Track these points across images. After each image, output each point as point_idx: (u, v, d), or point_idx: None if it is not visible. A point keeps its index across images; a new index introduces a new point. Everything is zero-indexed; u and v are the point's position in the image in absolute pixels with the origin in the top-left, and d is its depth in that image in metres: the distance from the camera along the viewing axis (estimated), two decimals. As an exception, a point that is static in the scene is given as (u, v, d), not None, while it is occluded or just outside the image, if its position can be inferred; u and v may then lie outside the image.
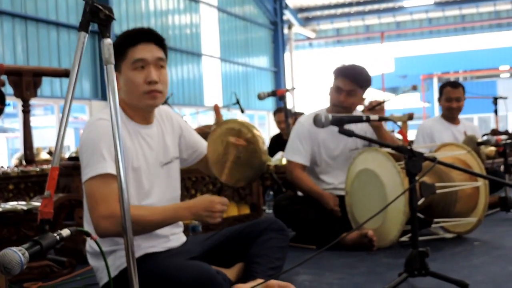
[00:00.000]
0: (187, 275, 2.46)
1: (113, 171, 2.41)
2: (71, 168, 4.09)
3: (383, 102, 4.35)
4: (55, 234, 1.82)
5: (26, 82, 4.52)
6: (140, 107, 2.64)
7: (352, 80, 4.30)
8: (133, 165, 2.57)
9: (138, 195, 2.60)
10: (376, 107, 4.32)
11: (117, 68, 2.55)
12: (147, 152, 2.64)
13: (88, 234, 1.97)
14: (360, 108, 4.50)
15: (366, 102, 4.43)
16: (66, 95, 1.89)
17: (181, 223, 2.86)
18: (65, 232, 1.85)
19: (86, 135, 2.52)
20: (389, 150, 3.78)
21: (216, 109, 2.96)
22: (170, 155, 2.77)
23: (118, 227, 2.31)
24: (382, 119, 3.24)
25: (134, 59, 2.57)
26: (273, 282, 2.61)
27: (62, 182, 4.19)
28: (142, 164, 2.60)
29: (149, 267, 2.54)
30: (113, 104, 1.91)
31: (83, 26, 1.91)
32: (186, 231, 4.03)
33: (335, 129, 4.29)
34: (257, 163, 2.86)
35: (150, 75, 2.57)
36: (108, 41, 1.93)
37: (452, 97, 5.80)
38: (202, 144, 2.96)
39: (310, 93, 28.07)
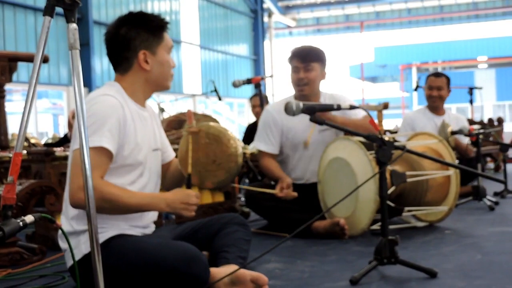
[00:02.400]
0: (171, 252, 2.47)
1: (108, 145, 2.48)
2: (43, 154, 4.05)
3: None
4: (18, 221, 1.80)
5: (1, 67, 4.47)
6: (160, 88, 2.80)
7: (304, 55, 4.40)
8: (132, 145, 2.61)
9: (135, 175, 2.65)
10: None
11: (151, 49, 2.71)
12: (144, 132, 2.71)
13: (53, 221, 1.94)
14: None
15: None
16: (30, 80, 1.87)
17: (156, 214, 2.87)
18: (29, 218, 1.83)
19: (90, 106, 2.53)
20: (361, 138, 3.79)
21: (189, 115, 2.95)
22: (158, 143, 2.85)
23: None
24: (354, 107, 3.23)
25: (171, 44, 2.79)
26: (245, 272, 2.59)
27: (34, 168, 4.15)
28: (139, 142, 2.65)
29: (128, 245, 2.55)
30: (78, 90, 1.89)
31: (47, 11, 1.89)
32: (159, 218, 4.04)
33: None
34: (234, 167, 2.88)
35: (173, 61, 2.80)
36: (74, 26, 1.90)
37: (433, 86, 5.98)
38: (171, 150, 3.03)
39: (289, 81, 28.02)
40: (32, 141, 6.35)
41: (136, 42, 2.68)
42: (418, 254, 3.43)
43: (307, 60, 4.38)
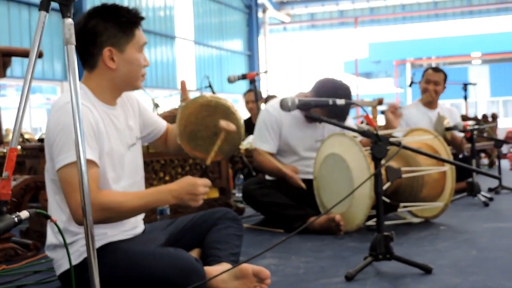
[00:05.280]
0: (167, 264, 2.43)
1: (91, 156, 2.37)
2: (38, 149, 4.04)
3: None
4: (13, 216, 1.78)
5: (-5, 62, 4.44)
6: (129, 89, 2.64)
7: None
8: (106, 149, 2.50)
9: (112, 179, 2.54)
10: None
11: (118, 46, 2.53)
12: (116, 134, 2.59)
13: (48, 217, 1.93)
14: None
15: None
16: (26, 75, 1.86)
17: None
18: (24, 214, 1.81)
19: (57, 118, 2.41)
20: (357, 134, 3.79)
21: (182, 85, 2.88)
22: (134, 137, 2.73)
23: (97, 215, 2.28)
24: (350, 103, 3.23)
25: (143, 42, 2.59)
26: (246, 266, 2.57)
27: (29, 163, 4.14)
28: (113, 147, 2.54)
29: (120, 256, 2.48)
30: (73, 86, 1.88)
31: (43, 5, 1.87)
32: (154, 214, 4.02)
33: (302, 119, 4.34)
34: (236, 138, 2.78)
35: (146, 59, 2.62)
36: (69, 21, 1.88)
37: (430, 80, 5.97)
38: (161, 122, 2.92)
39: (284, 77, 28.03)
40: (26, 136, 6.33)
41: (102, 37, 2.50)
42: (413, 250, 3.43)
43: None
